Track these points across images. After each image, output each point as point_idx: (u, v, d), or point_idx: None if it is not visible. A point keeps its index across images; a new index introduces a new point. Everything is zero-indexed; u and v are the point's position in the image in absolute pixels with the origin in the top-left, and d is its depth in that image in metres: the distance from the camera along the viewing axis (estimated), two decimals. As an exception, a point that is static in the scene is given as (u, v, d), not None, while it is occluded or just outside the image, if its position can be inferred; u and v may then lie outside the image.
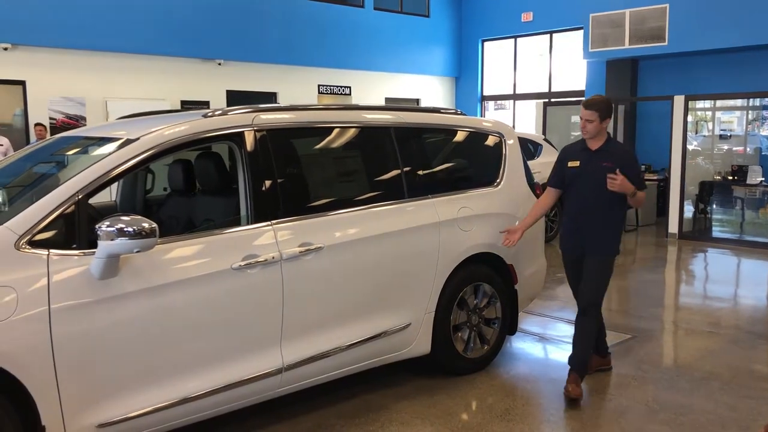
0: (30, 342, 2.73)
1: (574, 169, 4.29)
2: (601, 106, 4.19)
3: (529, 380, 4.57)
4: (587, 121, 4.19)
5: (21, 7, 10.68)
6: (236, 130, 3.61)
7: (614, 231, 4.34)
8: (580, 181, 4.27)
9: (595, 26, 13.79)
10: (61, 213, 2.93)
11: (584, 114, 4.19)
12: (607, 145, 4.25)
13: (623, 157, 4.25)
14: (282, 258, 3.52)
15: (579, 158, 4.30)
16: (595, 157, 4.22)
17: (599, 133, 4.23)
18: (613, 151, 4.25)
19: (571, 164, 4.31)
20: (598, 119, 4.17)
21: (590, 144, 4.28)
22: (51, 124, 11.13)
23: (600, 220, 4.24)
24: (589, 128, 4.20)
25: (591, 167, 4.22)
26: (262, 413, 3.92)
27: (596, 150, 4.24)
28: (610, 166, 4.12)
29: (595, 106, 4.17)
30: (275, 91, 13.99)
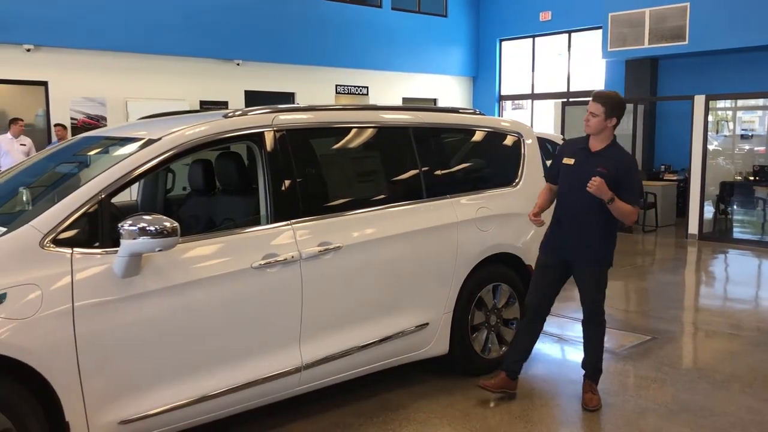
0: (54, 339, 2.77)
1: (568, 167, 4.02)
2: (610, 101, 3.89)
3: (547, 381, 4.55)
4: (592, 114, 3.90)
5: (43, 9, 10.81)
6: (256, 130, 3.63)
7: (607, 240, 4.01)
8: (569, 180, 3.98)
9: (614, 25, 13.69)
10: (84, 212, 2.97)
11: (591, 106, 3.91)
12: (608, 150, 3.93)
13: (621, 164, 3.90)
14: (301, 257, 3.53)
15: (575, 157, 4.01)
16: (592, 160, 3.93)
17: (602, 131, 3.92)
18: (613, 157, 3.91)
19: (566, 161, 4.03)
20: (603, 114, 3.86)
21: (592, 144, 3.98)
22: (72, 124, 11.26)
23: (589, 227, 3.94)
24: (592, 122, 3.90)
25: (584, 169, 3.90)
26: (281, 411, 3.95)
27: (596, 152, 3.95)
28: (604, 172, 3.82)
29: (603, 100, 3.90)
30: (293, 92, 14.04)
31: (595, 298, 4.09)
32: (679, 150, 12.54)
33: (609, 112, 3.89)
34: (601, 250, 4.02)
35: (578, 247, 4.01)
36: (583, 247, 4.00)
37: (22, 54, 10.82)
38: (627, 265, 8.82)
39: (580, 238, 3.99)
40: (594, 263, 4.03)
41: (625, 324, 5.96)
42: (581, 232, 3.98)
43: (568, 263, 4.07)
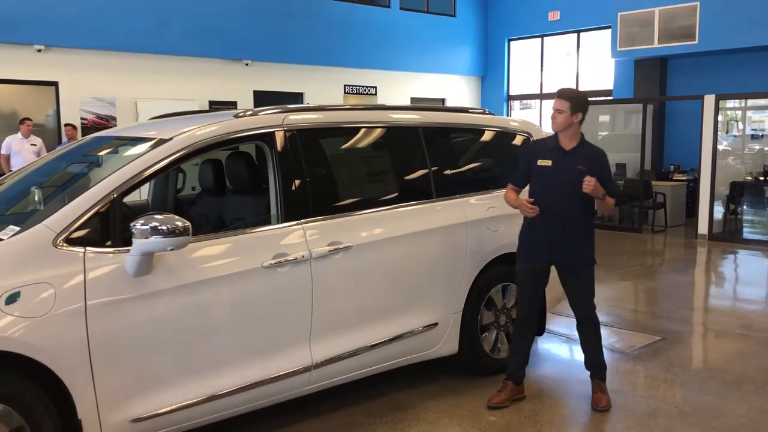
0: (67, 337, 2.79)
1: (545, 169, 3.97)
2: (574, 97, 3.92)
3: (556, 381, 4.55)
4: (557, 111, 3.90)
5: (54, 10, 10.87)
6: (267, 130, 3.65)
7: (590, 238, 4.08)
8: (550, 182, 3.95)
9: (624, 25, 13.64)
10: (96, 211, 2.99)
11: (555, 103, 3.92)
12: (581, 148, 3.98)
13: (598, 160, 3.97)
14: (311, 257, 3.54)
15: (551, 157, 3.98)
16: (569, 158, 3.94)
17: (569, 127, 3.93)
18: (588, 154, 3.97)
19: (542, 163, 3.99)
20: (568, 110, 3.87)
21: (563, 142, 3.98)
22: (82, 124, 11.32)
23: (574, 227, 3.97)
24: (558, 119, 3.91)
25: (564, 169, 3.91)
26: (291, 410, 3.96)
27: (570, 151, 3.96)
28: (584, 170, 3.85)
29: (567, 96, 3.91)
30: (302, 92, 14.06)
31: (589, 298, 4.11)
32: (688, 150, 12.48)
33: (574, 107, 3.91)
34: (588, 249, 4.07)
35: (567, 249, 3.99)
36: (572, 248, 4.00)
37: (32, 54, 10.89)
38: (636, 266, 8.80)
39: (567, 240, 3.98)
40: (585, 263, 4.06)
41: (635, 324, 5.95)
42: (568, 233, 3.97)
43: (553, 265, 4.07)
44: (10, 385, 2.69)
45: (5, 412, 2.67)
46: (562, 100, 3.93)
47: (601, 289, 7.44)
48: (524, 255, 4.10)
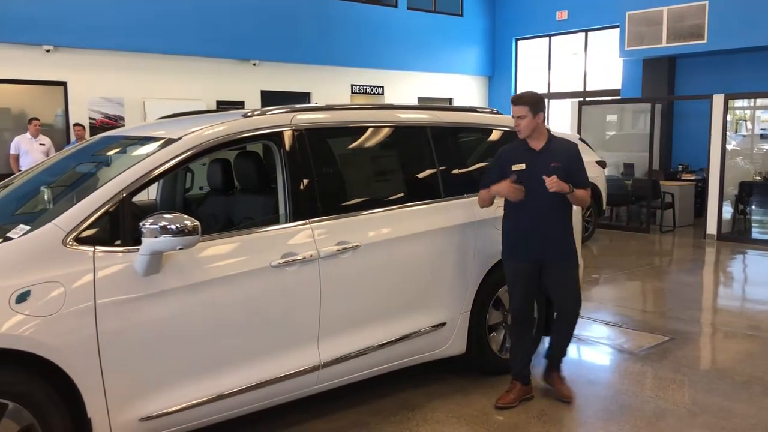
0: (77, 336, 2.80)
1: (521, 173, 3.99)
2: (530, 99, 3.98)
3: (565, 381, 4.52)
4: (519, 118, 3.96)
5: (62, 10, 10.93)
6: (275, 129, 3.65)
7: (572, 234, 4.15)
8: (528, 184, 3.97)
9: (632, 24, 13.59)
10: (106, 211, 3.00)
11: (515, 111, 3.98)
12: (551, 144, 4.03)
13: (569, 154, 4.05)
14: (319, 256, 3.55)
15: (524, 160, 4.02)
16: (542, 158, 4.00)
17: (536, 129, 3.98)
18: (559, 149, 4.04)
19: (516, 167, 4.01)
20: (530, 114, 3.94)
21: (532, 143, 4.03)
22: (90, 124, 11.38)
23: (558, 224, 4.03)
24: (523, 125, 3.97)
25: (539, 169, 3.96)
26: (300, 409, 3.96)
27: (541, 150, 4.02)
28: (558, 165, 3.95)
29: (523, 100, 3.97)
30: (309, 91, 14.09)
31: (571, 291, 4.14)
32: (697, 150, 12.43)
33: (534, 109, 3.97)
34: (571, 244, 4.13)
35: (551, 246, 4.04)
36: (555, 245, 4.05)
37: (41, 55, 10.94)
38: (644, 266, 8.77)
39: (550, 237, 4.03)
40: (569, 257, 4.11)
41: (643, 324, 5.93)
42: (551, 231, 4.02)
43: (541, 264, 4.08)
44: (21, 383, 2.70)
45: (15, 411, 2.68)
46: (520, 106, 3.99)
47: (609, 289, 7.43)
48: (510, 256, 4.14)
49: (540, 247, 4.02)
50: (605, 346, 5.39)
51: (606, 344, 5.42)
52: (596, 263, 8.82)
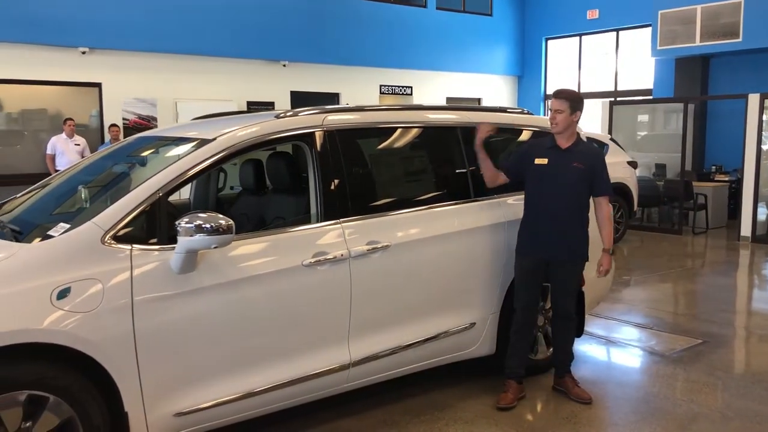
0: (114, 332, 2.87)
1: (542, 167, 4.05)
2: (571, 95, 4.04)
3: (595, 383, 4.50)
4: (557, 112, 4.00)
5: (98, 13, 11.13)
6: (307, 130, 3.69)
7: (585, 235, 4.12)
8: (546, 180, 4.03)
9: (664, 23, 13.41)
10: (143, 210, 3.06)
11: (554, 104, 4.02)
12: (577, 146, 4.07)
13: (594, 158, 4.08)
14: (350, 256, 3.58)
15: (547, 156, 4.07)
16: (565, 157, 4.04)
17: (569, 127, 4.03)
18: (584, 152, 4.07)
19: (539, 161, 4.08)
20: (568, 109, 3.98)
21: (560, 141, 4.07)
22: (124, 124, 11.57)
23: (569, 222, 4.03)
24: (559, 119, 4.00)
25: (560, 167, 4.02)
26: (330, 407, 3.99)
27: (566, 149, 4.05)
28: (581, 167, 4.00)
29: (564, 95, 4.03)
30: (338, 92, 14.15)
31: (572, 293, 4.19)
32: (730, 150, 12.22)
33: (573, 107, 4.01)
34: (581, 245, 4.11)
35: (560, 245, 4.06)
36: (564, 244, 4.07)
37: (77, 56, 11.16)
38: (676, 267, 8.66)
39: (561, 236, 4.05)
40: (576, 257, 4.11)
41: (675, 327, 5.86)
42: (562, 230, 4.03)
43: (548, 262, 4.11)
44: (61, 377, 2.77)
45: (56, 404, 2.75)
46: (560, 100, 4.02)
47: (640, 291, 7.35)
48: (522, 252, 4.16)
49: (548, 244, 4.05)
50: (636, 348, 5.34)
51: (637, 346, 5.37)
52: (627, 264, 8.72)
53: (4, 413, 2.65)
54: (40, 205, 3.82)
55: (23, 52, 10.64)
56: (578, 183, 4.02)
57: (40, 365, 2.74)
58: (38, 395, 2.71)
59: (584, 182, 4.03)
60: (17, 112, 11.03)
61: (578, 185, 4.03)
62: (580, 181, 4.02)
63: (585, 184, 4.04)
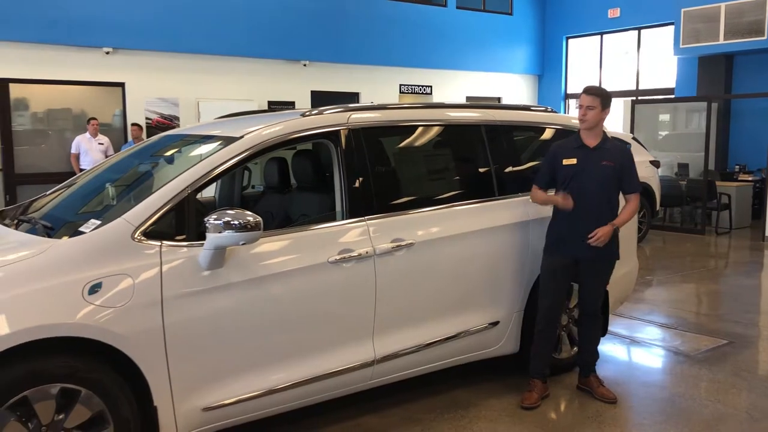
0: (144, 327, 2.91)
1: (571, 167, 4.03)
2: (602, 92, 4.03)
3: (619, 383, 4.48)
4: (588, 108, 3.98)
5: (122, 14, 11.26)
6: (332, 128, 3.71)
7: (616, 234, 4.09)
8: (577, 180, 4.00)
9: (687, 21, 13.27)
10: (172, 207, 3.10)
11: (585, 100, 4.01)
12: (605, 144, 4.06)
13: (624, 156, 4.07)
14: (375, 253, 3.59)
15: (575, 156, 4.04)
16: (594, 155, 4.02)
17: (598, 124, 4.02)
18: (612, 149, 4.06)
19: (567, 162, 4.05)
20: (599, 106, 3.98)
21: (587, 140, 4.05)
22: (147, 123, 11.69)
23: (599, 221, 3.98)
24: (590, 116, 3.98)
25: (589, 165, 4.00)
26: (353, 405, 4.01)
27: (594, 147, 4.03)
28: (611, 165, 3.99)
29: (596, 91, 4.02)
30: (358, 91, 14.17)
31: (601, 292, 4.20)
32: (755, 149, 12.09)
33: (604, 103, 4.01)
34: (612, 244, 4.08)
35: (591, 245, 4.00)
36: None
37: (101, 57, 11.29)
38: (699, 268, 8.57)
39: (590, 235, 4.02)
40: (607, 257, 4.09)
41: (699, 327, 5.81)
42: (592, 229, 3.98)
43: (577, 261, 4.09)
44: (92, 371, 2.81)
45: (87, 397, 2.80)
46: (592, 96, 4.02)
47: (663, 291, 7.29)
48: (551, 251, 4.14)
49: (578, 243, 4.02)
50: (660, 348, 5.30)
51: (661, 346, 5.33)
52: (649, 265, 8.66)
53: (38, 406, 2.70)
54: (70, 203, 3.87)
55: (48, 52, 10.79)
56: (608, 181, 4.01)
57: (72, 359, 2.78)
58: (70, 388, 2.76)
59: (614, 180, 4.02)
60: (43, 112, 11.19)
61: (608, 183, 4.01)
62: (609, 179, 4.01)
63: (614, 182, 4.03)
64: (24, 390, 2.66)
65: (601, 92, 4.04)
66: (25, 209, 3.87)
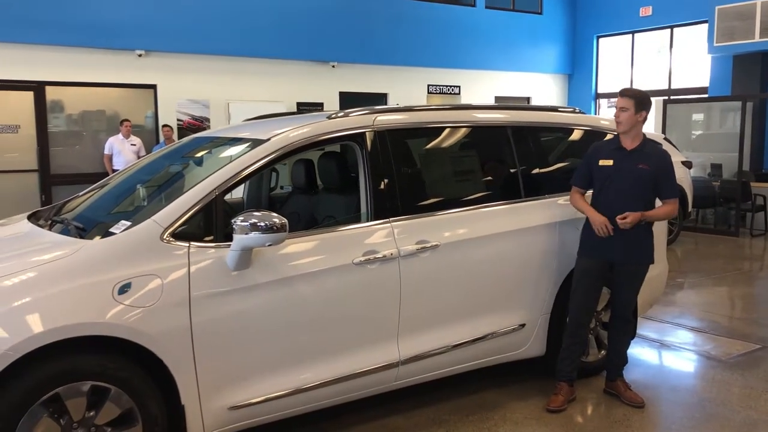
0: (172, 326, 2.96)
1: (607, 168, 4.00)
2: (636, 94, 3.96)
3: (648, 387, 4.42)
4: (622, 110, 3.93)
5: (153, 18, 11.45)
6: (358, 130, 3.73)
7: (650, 237, 4.04)
8: (613, 182, 3.97)
9: (721, 19, 13.04)
10: (200, 208, 3.15)
11: (619, 102, 3.96)
12: (643, 147, 3.98)
13: (661, 160, 3.97)
14: (400, 255, 3.60)
15: (612, 157, 4.00)
16: (630, 158, 3.96)
17: (634, 126, 3.94)
18: (651, 153, 3.97)
19: (603, 162, 4.01)
20: (633, 108, 3.91)
21: (625, 142, 4.00)
22: (178, 125, 11.86)
23: (636, 225, 3.91)
24: (623, 118, 3.92)
25: (625, 168, 3.95)
26: (379, 405, 4.02)
27: (632, 150, 3.97)
28: (647, 168, 3.91)
29: (630, 93, 3.96)
30: (386, 92, 14.20)
31: (633, 296, 4.15)
32: (791, 150, 11.82)
33: (639, 106, 3.94)
34: (647, 248, 4.05)
35: (626, 247, 3.98)
36: (630, 247, 3.99)
37: (134, 59, 11.49)
38: (733, 271, 8.42)
39: (627, 238, 3.97)
40: (641, 260, 4.06)
41: (731, 331, 5.71)
42: (627, 232, 3.94)
43: (611, 264, 4.05)
44: (122, 369, 2.87)
45: (117, 395, 2.86)
46: (626, 98, 3.97)
47: (695, 294, 7.18)
48: (585, 253, 4.11)
49: (612, 246, 3.98)
50: (690, 352, 5.22)
51: (691, 350, 5.25)
52: (681, 267, 8.53)
53: (69, 402, 2.76)
54: (101, 204, 3.96)
55: (83, 55, 11.01)
56: (643, 184, 3.94)
57: (103, 357, 2.85)
58: (101, 386, 2.82)
59: (650, 184, 3.95)
60: (77, 114, 11.42)
61: (643, 187, 3.94)
62: (645, 183, 3.94)
63: (650, 186, 3.96)
64: (56, 387, 2.73)
65: (635, 94, 3.98)
66: (58, 210, 3.96)
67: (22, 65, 10.57)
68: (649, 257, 4.08)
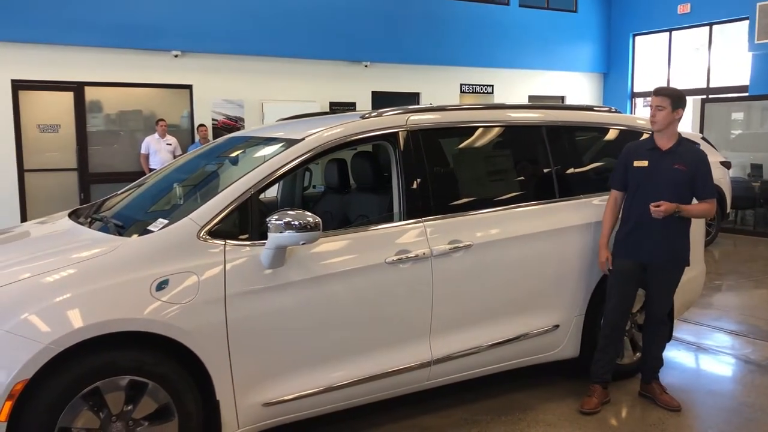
0: (208, 323, 3.00)
1: (642, 170, 3.94)
2: (672, 92, 3.90)
3: (684, 390, 4.35)
4: (657, 109, 3.88)
5: (190, 18, 11.62)
6: (391, 130, 3.74)
7: (686, 239, 3.98)
8: (648, 183, 3.91)
9: (763, 15, 12.74)
10: (236, 207, 3.20)
11: (655, 101, 3.90)
12: (679, 146, 3.91)
13: (698, 160, 3.90)
14: (432, 254, 3.60)
15: (647, 158, 3.95)
16: (666, 158, 3.90)
17: (670, 125, 3.89)
18: (686, 153, 3.91)
19: (638, 164, 3.96)
20: (669, 106, 3.85)
21: (660, 143, 3.94)
22: (213, 125, 12.01)
23: (670, 226, 3.87)
24: (659, 116, 3.87)
25: (661, 168, 3.89)
26: (412, 404, 4.03)
27: (667, 150, 3.91)
28: (683, 169, 3.85)
29: (665, 92, 3.90)
30: (418, 92, 14.19)
31: (669, 298, 4.10)
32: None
33: (675, 104, 3.89)
34: (683, 250, 3.99)
35: (661, 249, 3.93)
36: (665, 249, 3.94)
37: (170, 60, 11.67)
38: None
39: (662, 240, 3.92)
40: (676, 263, 4.01)
41: (763, 333, 5.59)
42: (663, 234, 3.89)
43: (645, 266, 3.99)
44: (159, 365, 2.93)
45: (154, 389, 2.91)
46: (661, 96, 3.92)
47: (733, 297, 7.04)
48: (620, 254, 4.06)
49: (646, 247, 3.94)
50: (728, 355, 5.12)
51: (729, 354, 5.15)
52: (719, 269, 8.36)
53: (108, 396, 2.83)
54: (139, 202, 4.04)
55: (120, 56, 11.21)
56: (679, 185, 3.88)
57: (140, 353, 2.90)
58: (139, 381, 2.88)
59: (686, 185, 3.89)
60: (115, 114, 11.64)
61: (679, 188, 3.88)
62: (681, 184, 3.88)
63: (686, 187, 3.89)
64: (96, 381, 2.79)
65: (670, 92, 3.92)
66: (97, 208, 4.05)
67: (62, 66, 10.82)
68: (684, 260, 4.02)
